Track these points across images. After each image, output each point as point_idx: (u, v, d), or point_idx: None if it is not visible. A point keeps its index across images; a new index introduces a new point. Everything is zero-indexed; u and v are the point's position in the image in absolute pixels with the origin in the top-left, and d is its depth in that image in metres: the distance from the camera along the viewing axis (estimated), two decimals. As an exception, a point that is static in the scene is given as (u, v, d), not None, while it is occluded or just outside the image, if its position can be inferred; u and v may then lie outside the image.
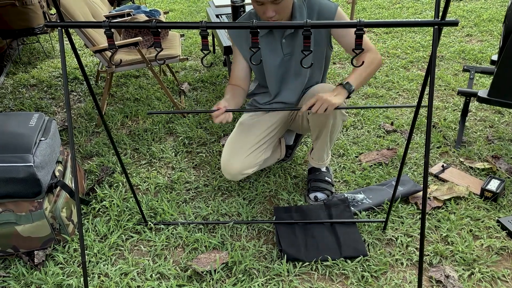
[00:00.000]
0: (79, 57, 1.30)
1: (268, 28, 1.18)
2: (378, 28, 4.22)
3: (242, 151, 1.89)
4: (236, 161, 1.87)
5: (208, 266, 1.66)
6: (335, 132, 1.87)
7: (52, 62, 3.94)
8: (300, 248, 1.72)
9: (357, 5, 5.23)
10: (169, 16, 5.29)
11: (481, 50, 3.64)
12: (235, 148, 1.91)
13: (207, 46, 1.18)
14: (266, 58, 1.86)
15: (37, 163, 1.65)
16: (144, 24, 1.18)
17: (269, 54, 1.85)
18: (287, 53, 1.84)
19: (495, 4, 4.91)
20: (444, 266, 1.62)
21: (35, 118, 1.87)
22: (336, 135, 1.90)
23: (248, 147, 1.91)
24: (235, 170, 1.88)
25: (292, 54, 1.85)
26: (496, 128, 2.52)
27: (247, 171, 1.91)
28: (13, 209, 1.66)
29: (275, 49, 1.84)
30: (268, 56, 1.86)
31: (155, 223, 1.90)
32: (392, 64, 3.49)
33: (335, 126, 1.83)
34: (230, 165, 1.88)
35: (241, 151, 1.89)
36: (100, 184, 2.19)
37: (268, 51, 1.85)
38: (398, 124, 2.60)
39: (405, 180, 2.08)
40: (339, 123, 1.84)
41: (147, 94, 3.17)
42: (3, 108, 3.08)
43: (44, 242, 1.74)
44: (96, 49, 2.54)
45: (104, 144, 2.55)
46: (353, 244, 1.72)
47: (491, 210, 1.90)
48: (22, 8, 3.54)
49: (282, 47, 1.83)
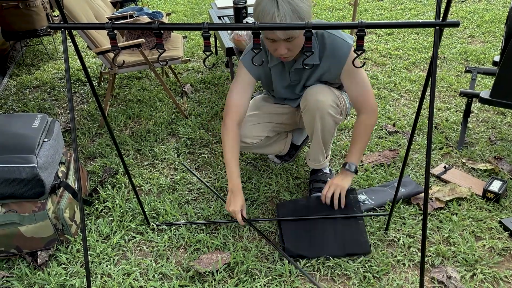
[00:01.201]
0: (82, 59, 1.30)
1: (269, 29, 1.18)
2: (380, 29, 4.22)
3: (249, 120, 1.96)
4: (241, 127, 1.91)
5: (210, 267, 1.66)
6: (327, 133, 1.86)
7: (55, 63, 3.95)
8: (303, 244, 1.72)
9: (359, 6, 5.24)
10: (172, 18, 5.31)
11: (484, 51, 3.64)
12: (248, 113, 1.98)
13: (209, 47, 1.19)
14: (275, 80, 1.91)
15: (40, 164, 1.66)
16: (146, 26, 1.19)
17: (278, 79, 1.89)
18: (294, 80, 1.88)
19: (497, 6, 4.91)
20: (446, 267, 1.62)
21: (39, 119, 1.88)
22: (330, 137, 1.89)
23: (255, 118, 1.98)
24: None
25: (298, 81, 1.89)
26: (499, 129, 2.52)
27: (246, 140, 1.96)
28: (17, 210, 1.67)
29: (284, 76, 1.88)
30: (276, 80, 1.90)
31: (157, 224, 1.91)
32: (394, 66, 3.49)
33: (325, 127, 1.82)
34: None
35: (248, 120, 1.96)
36: (103, 185, 2.19)
37: (278, 76, 1.88)
38: (400, 125, 2.60)
39: (407, 181, 2.08)
40: (330, 124, 1.81)
41: (149, 96, 3.19)
42: (7, 109, 3.10)
43: (47, 243, 1.75)
44: (99, 50, 2.55)
45: (106, 145, 2.56)
46: (356, 241, 1.73)
47: (493, 211, 1.90)
48: (25, 10, 3.56)
49: (290, 75, 1.86)
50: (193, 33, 4.65)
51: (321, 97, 1.76)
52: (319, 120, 1.79)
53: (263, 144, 2.06)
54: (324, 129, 1.83)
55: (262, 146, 2.07)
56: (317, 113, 1.77)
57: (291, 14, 1.48)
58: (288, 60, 1.69)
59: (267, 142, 2.07)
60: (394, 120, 2.67)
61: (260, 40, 1.31)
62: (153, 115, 2.89)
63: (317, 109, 1.76)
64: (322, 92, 1.77)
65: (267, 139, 2.05)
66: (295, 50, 1.63)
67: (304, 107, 1.82)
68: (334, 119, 1.81)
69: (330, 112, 1.77)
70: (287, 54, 1.63)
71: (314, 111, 1.77)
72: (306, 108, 1.81)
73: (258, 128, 1.98)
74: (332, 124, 1.83)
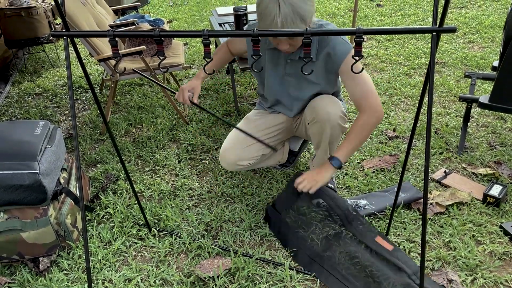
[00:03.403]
0: (84, 66, 1.32)
1: (269, 36, 1.20)
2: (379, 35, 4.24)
3: (241, 142, 1.94)
4: (234, 151, 1.92)
5: (211, 272, 1.66)
6: (335, 142, 1.87)
7: (57, 71, 3.98)
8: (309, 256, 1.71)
9: (359, 12, 5.27)
10: (173, 25, 5.35)
11: (483, 57, 3.65)
12: (235, 138, 1.96)
13: (209, 54, 1.20)
14: (268, 69, 1.89)
15: (42, 170, 1.67)
16: (147, 33, 1.20)
17: (272, 67, 1.88)
18: (288, 73, 1.86)
19: (496, 11, 4.93)
20: (446, 271, 1.63)
21: (41, 126, 1.89)
22: (336, 144, 1.90)
23: (248, 139, 1.95)
24: (231, 160, 1.92)
25: (292, 76, 1.86)
26: (498, 134, 2.53)
27: (242, 163, 1.94)
28: (19, 216, 1.68)
29: (278, 64, 1.86)
30: (270, 68, 1.88)
31: (158, 230, 1.91)
32: (394, 71, 3.51)
33: (333, 137, 1.83)
34: (228, 154, 1.93)
35: (241, 142, 1.94)
36: (105, 191, 2.20)
37: (272, 64, 1.87)
38: (400, 130, 2.61)
39: (408, 187, 2.08)
40: (338, 134, 1.83)
41: (151, 102, 3.20)
42: (9, 116, 3.12)
43: (49, 249, 1.76)
44: (101, 57, 2.57)
45: (108, 151, 2.57)
46: None
47: (493, 215, 1.90)
48: (27, 18, 3.59)
49: (286, 66, 1.84)
50: (194, 40, 4.68)
51: (330, 108, 1.76)
52: (329, 131, 1.79)
53: (260, 161, 2.04)
54: (332, 139, 1.84)
55: (260, 162, 2.05)
56: (328, 125, 1.77)
57: (292, 16, 1.50)
58: (291, 51, 1.71)
59: (264, 158, 2.05)
60: (394, 126, 2.68)
61: None
62: (155, 122, 2.90)
63: (328, 121, 1.76)
64: (330, 103, 1.77)
65: (263, 156, 2.03)
66: (297, 45, 1.66)
67: (313, 119, 1.81)
68: (342, 129, 1.83)
69: (340, 123, 1.79)
70: (289, 49, 1.67)
71: (325, 122, 1.77)
72: (315, 120, 1.80)
73: (253, 149, 1.96)
74: (340, 134, 1.85)
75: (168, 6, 6.41)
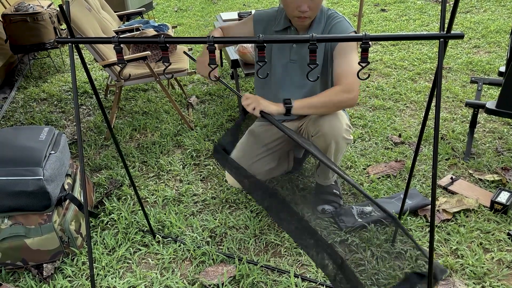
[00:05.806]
0: (88, 72, 1.32)
1: (275, 42, 1.19)
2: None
3: (248, 158, 1.92)
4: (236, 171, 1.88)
5: (215, 279, 1.65)
6: (340, 154, 1.85)
7: (62, 76, 3.99)
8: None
9: (364, 17, 5.26)
10: (177, 30, 5.36)
11: (489, 62, 3.63)
12: (241, 155, 1.93)
13: (214, 60, 1.19)
14: (274, 55, 1.88)
15: (46, 176, 1.66)
16: (152, 40, 1.20)
17: (277, 52, 1.87)
18: (293, 59, 1.85)
19: (502, 16, 4.91)
20: (454, 280, 1.60)
21: (45, 132, 1.89)
22: (341, 155, 1.88)
23: (254, 154, 1.93)
24: None
25: (297, 62, 1.85)
26: (506, 140, 2.50)
27: None
28: (23, 222, 1.67)
29: (284, 50, 1.85)
30: (276, 53, 1.87)
31: (162, 236, 1.90)
32: (399, 76, 3.49)
33: (338, 149, 1.81)
34: None
35: (247, 158, 1.92)
36: (109, 197, 2.20)
37: (277, 49, 1.86)
38: (406, 136, 2.59)
39: (414, 193, 2.06)
40: (343, 146, 1.82)
41: (155, 107, 3.20)
42: (14, 122, 3.13)
43: (53, 255, 1.75)
44: (106, 63, 2.57)
45: (112, 157, 2.57)
46: None
47: (501, 222, 1.88)
48: (33, 24, 3.61)
49: (291, 52, 1.84)
50: (199, 46, 4.68)
51: (334, 121, 1.75)
52: (334, 144, 1.78)
53: (268, 174, 2.03)
54: (337, 152, 1.83)
55: (267, 175, 2.04)
56: (332, 139, 1.76)
57: None
58: (305, 22, 1.72)
59: (271, 171, 2.04)
60: (400, 131, 2.66)
61: None
62: (159, 127, 2.90)
63: (332, 134, 1.75)
64: (334, 116, 1.76)
65: (270, 170, 2.01)
66: (315, 10, 1.68)
67: (317, 132, 1.79)
68: (347, 141, 1.82)
69: (345, 135, 1.78)
70: (308, 14, 1.67)
71: (329, 136, 1.76)
72: (319, 133, 1.78)
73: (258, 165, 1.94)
74: (345, 145, 1.83)
75: (173, 12, 6.43)
